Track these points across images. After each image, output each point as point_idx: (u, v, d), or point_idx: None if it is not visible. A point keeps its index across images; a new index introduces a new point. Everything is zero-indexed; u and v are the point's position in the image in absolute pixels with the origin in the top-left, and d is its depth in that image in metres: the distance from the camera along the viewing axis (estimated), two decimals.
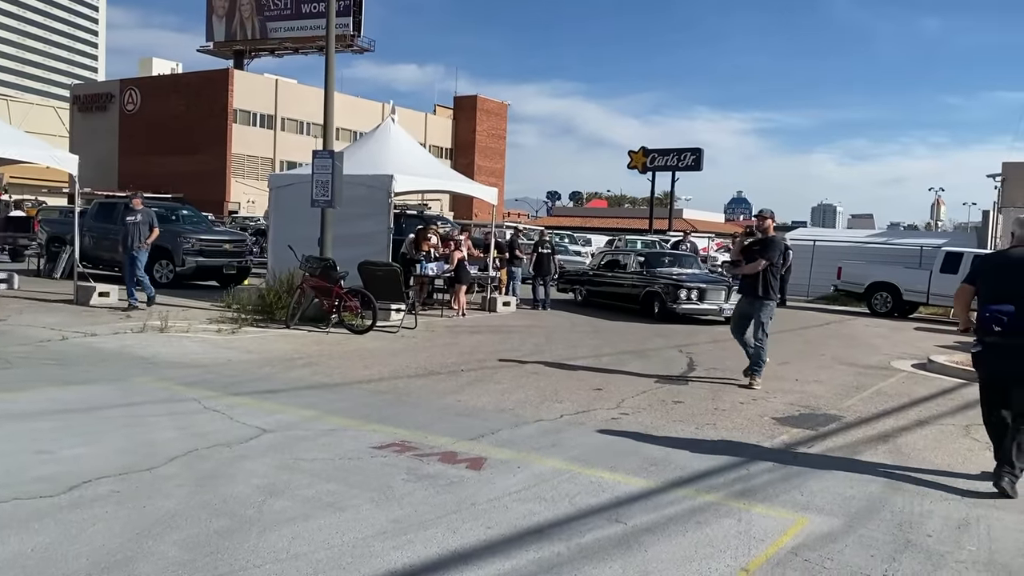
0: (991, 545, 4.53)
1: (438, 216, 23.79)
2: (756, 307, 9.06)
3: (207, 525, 4.24)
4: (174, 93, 60.48)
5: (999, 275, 5.64)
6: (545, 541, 4.25)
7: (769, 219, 9.32)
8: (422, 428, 6.44)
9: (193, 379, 8.04)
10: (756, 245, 9.18)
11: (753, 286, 9.05)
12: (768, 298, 9.04)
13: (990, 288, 5.62)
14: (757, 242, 9.22)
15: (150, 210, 14.03)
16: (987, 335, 5.53)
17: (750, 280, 9.09)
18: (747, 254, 9.23)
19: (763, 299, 9.02)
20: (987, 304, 5.53)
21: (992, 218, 27.13)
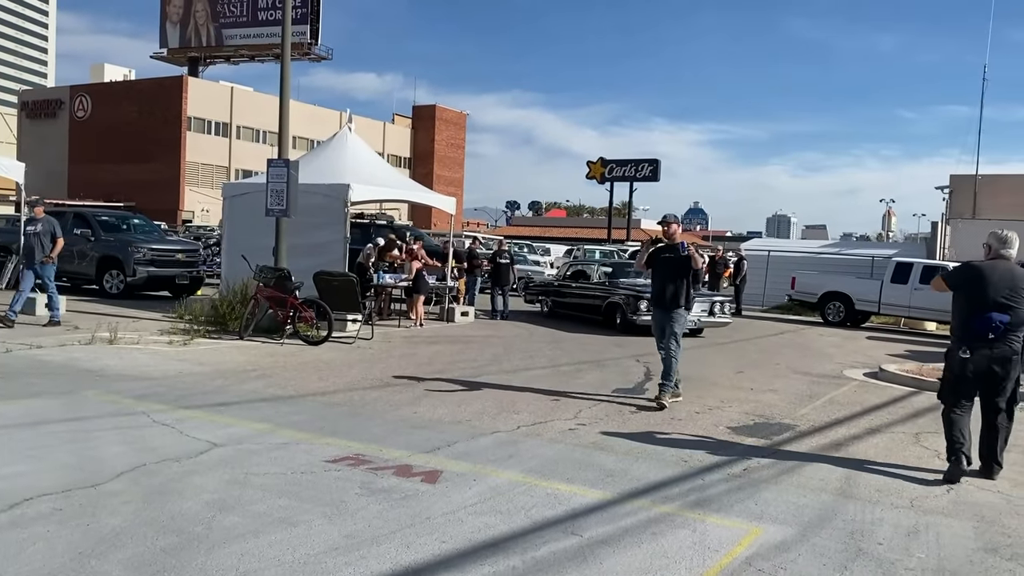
0: (940, 552, 4.60)
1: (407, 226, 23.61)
2: (667, 316, 8.65)
3: (154, 543, 4.12)
4: (126, 100, 59.42)
5: (987, 286, 5.99)
6: (500, 555, 4.21)
7: (675, 224, 8.81)
8: (377, 441, 6.37)
9: (142, 392, 7.86)
10: (665, 252, 8.67)
11: (669, 295, 8.58)
12: (681, 307, 8.61)
13: (980, 297, 5.99)
14: (666, 248, 8.70)
15: (53, 219, 12.78)
16: (977, 340, 5.97)
17: (664, 290, 8.62)
18: (654, 262, 8.70)
19: (676, 308, 8.59)
20: (979, 312, 5.95)
21: (940, 229, 27.77)
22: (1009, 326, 5.96)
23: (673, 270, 8.53)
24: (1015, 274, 6.06)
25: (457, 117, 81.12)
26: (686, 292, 8.59)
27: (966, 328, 6.06)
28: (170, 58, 65.18)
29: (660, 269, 8.65)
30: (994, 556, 4.58)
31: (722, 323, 16.23)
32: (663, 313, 8.69)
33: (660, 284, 8.65)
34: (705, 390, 9.63)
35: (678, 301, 8.56)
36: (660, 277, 8.66)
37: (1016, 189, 30.81)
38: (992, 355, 6.01)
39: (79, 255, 17.24)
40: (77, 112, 61.51)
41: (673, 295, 8.54)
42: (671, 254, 8.60)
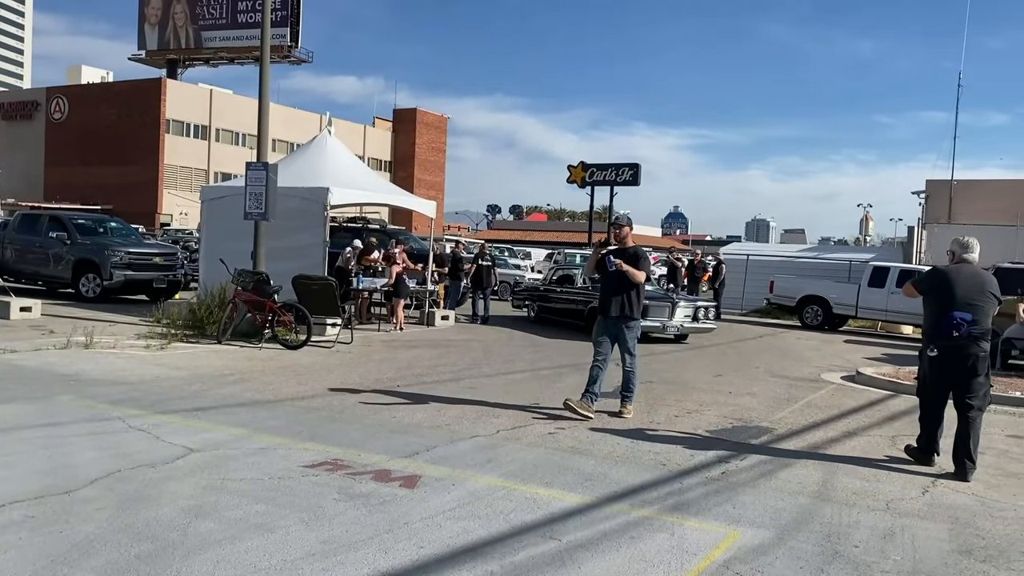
0: (915, 554, 4.63)
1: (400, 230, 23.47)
2: (618, 328, 7.97)
3: (128, 550, 4.08)
4: (104, 102, 58.91)
5: (954, 289, 6.41)
6: (478, 560, 4.20)
7: (626, 227, 8.18)
8: (355, 446, 6.33)
9: (118, 397, 7.78)
10: (616, 256, 8.05)
11: (617, 305, 7.92)
12: (632, 318, 7.99)
13: (947, 299, 6.40)
14: (615, 252, 8.10)
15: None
16: (944, 339, 6.36)
17: (610, 299, 7.95)
18: (603, 267, 8.02)
19: (627, 318, 7.96)
20: (946, 312, 6.35)
21: (916, 234, 28.08)
22: (974, 325, 6.31)
23: (622, 277, 7.89)
24: (981, 277, 6.52)
25: (438, 121, 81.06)
26: (636, 301, 7.99)
27: (934, 328, 6.46)
28: (148, 60, 64.70)
29: (608, 276, 8.00)
30: (968, 558, 4.62)
31: (706, 329, 15.98)
32: (610, 323, 8.00)
33: (607, 292, 8.01)
34: (684, 394, 9.67)
35: (626, 311, 7.93)
36: (607, 284, 8.02)
37: (991, 194, 31.19)
38: (959, 353, 6.35)
39: (55, 258, 17.08)
40: (54, 114, 60.90)
41: (621, 305, 7.93)
42: (619, 258, 8.00)
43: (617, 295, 7.91)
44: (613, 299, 7.93)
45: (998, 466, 6.88)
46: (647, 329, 14.64)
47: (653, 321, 14.90)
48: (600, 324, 8.15)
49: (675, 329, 15.11)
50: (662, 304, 15.53)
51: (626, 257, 7.94)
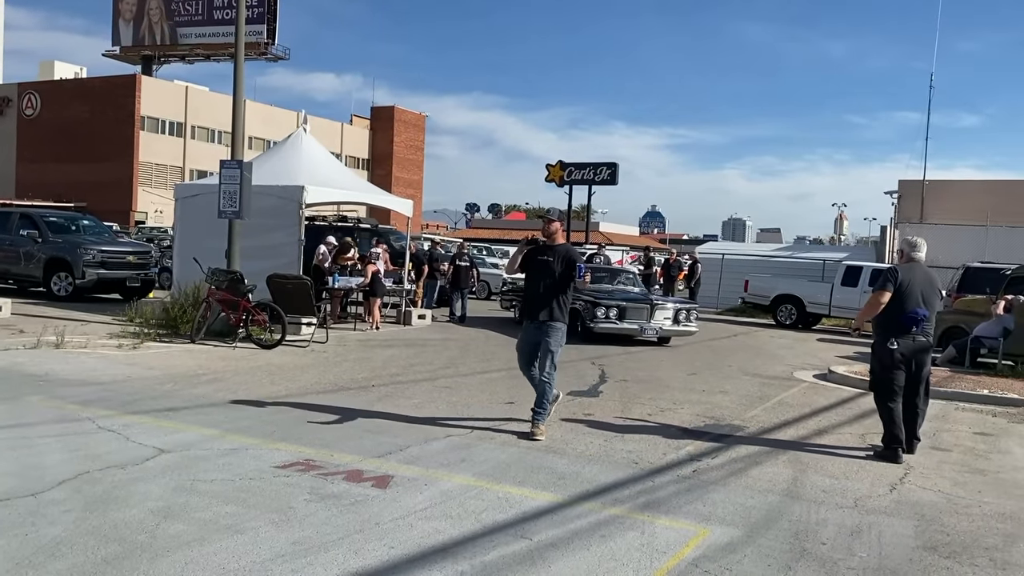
0: (881, 551, 4.69)
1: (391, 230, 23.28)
2: (544, 331, 7.16)
3: (95, 553, 4.05)
4: (78, 98, 58.18)
5: (913, 286, 6.94)
6: (449, 560, 4.21)
7: (556, 222, 7.44)
8: (328, 446, 6.32)
9: (89, 397, 7.70)
10: (543, 254, 7.30)
11: (543, 306, 7.17)
12: (559, 320, 7.19)
13: (908, 296, 6.91)
14: (542, 250, 7.38)
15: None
16: (903, 333, 6.90)
17: (536, 299, 7.23)
18: (529, 266, 7.34)
19: (553, 322, 7.15)
20: (905, 308, 6.86)
21: (889, 233, 28.38)
22: (927, 321, 6.99)
23: (549, 276, 7.17)
24: (932, 275, 7.22)
25: (416, 119, 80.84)
26: (567, 303, 7.27)
27: (895, 324, 6.91)
28: (123, 56, 63.99)
29: (535, 274, 7.29)
30: (933, 554, 4.69)
31: (687, 332, 15.28)
32: (535, 327, 7.23)
33: (532, 291, 7.27)
34: (658, 392, 9.72)
35: (553, 313, 7.14)
36: (533, 283, 7.28)
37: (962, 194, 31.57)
38: (915, 345, 6.97)
39: (26, 256, 16.88)
40: (26, 110, 60.08)
41: (547, 306, 7.14)
42: (548, 257, 7.24)
43: (548, 296, 7.14)
44: (540, 298, 7.17)
45: (964, 463, 6.98)
46: (626, 332, 14.56)
47: (631, 324, 14.54)
48: (525, 330, 7.39)
49: (653, 332, 14.62)
50: (640, 306, 14.96)
51: (557, 256, 7.22)
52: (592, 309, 14.63)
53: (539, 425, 7.10)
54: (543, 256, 7.28)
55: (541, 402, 7.19)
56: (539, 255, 7.31)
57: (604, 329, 14.51)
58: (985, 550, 4.80)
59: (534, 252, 7.35)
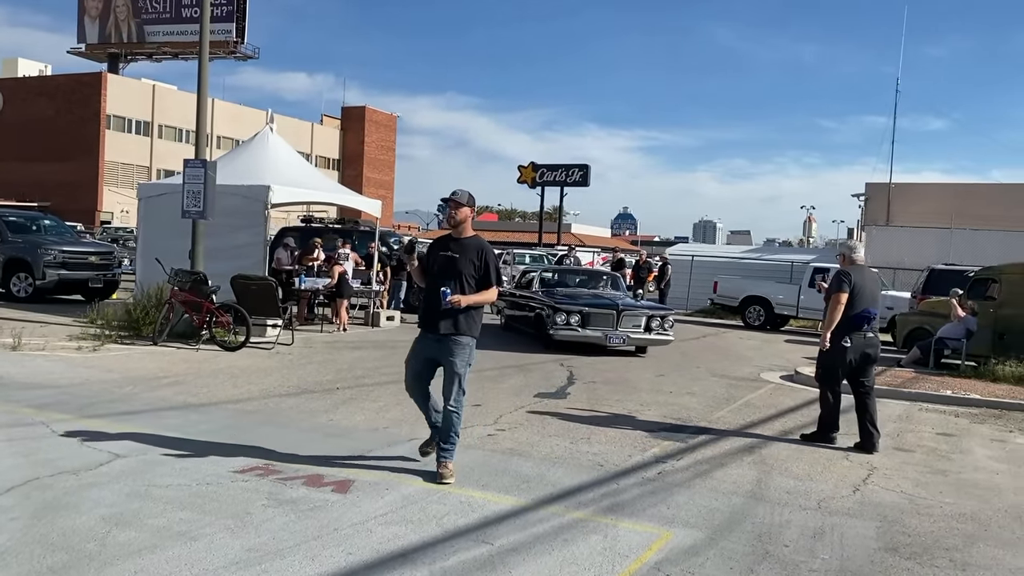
0: (843, 553, 4.69)
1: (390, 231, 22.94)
2: (447, 349, 5.62)
3: (41, 562, 3.92)
4: (42, 96, 57.27)
5: (864, 287, 7.38)
6: (407, 566, 4.13)
7: (465, 207, 5.70)
8: (289, 450, 6.20)
9: (44, 401, 7.52)
10: (446, 248, 5.70)
11: (442, 314, 5.56)
12: (467, 334, 5.65)
13: (861, 297, 7.34)
14: (445, 243, 5.76)
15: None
16: (856, 331, 7.33)
17: (435, 306, 5.58)
18: (428, 261, 5.81)
19: (459, 336, 5.62)
20: (859, 308, 7.30)
21: (856, 235, 28.68)
22: (875, 319, 7.48)
23: (454, 276, 5.59)
24: (875, 276, 7.76)
25: (387, 119, 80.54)
26: (477, 312, 5.75)
27: (848, 322, 7.32)
28: (89, 54, 63.08)
29: (436, 273, 5.70)
30: (894, 555, 4.69)
31: (662, 341, 13.71)
32: (434, 341, 5.68)
33: (433, 295, 5.62)
34: (626, 394, 9.71)
35: (458, 325, 5.60)
36: (433, 285, 5.67)
37: (927, 197, 32.03)
38: (865, 342, 7.41)
39: None
40: None
41: (451, 315, 5.57)
42: (453, 252, 5.66)
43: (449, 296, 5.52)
44: (446, 309, 5.53)
45: (927, 464, 7.03)
46: (589, 340, 13.36)
47: (594, 331, 13.24)
48: (418, 343, 5.83)
49: (620, 340, 13.31)
50: (604, 312, 13.42)
51: (465, 251, 5.66)
52: (552, 314, 13.45)
53: (448, 464, 5.65)
54: (446, 251, 5.69)
55: (448, 436, 5.70)
56: (441, 249, 5.73)
57: (564, 337, 13.32)
58: (946, 551, 4.82)
59: (435, 246, 5.84)
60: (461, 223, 5.71)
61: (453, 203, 5.71)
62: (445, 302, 5.43)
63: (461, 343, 5.65)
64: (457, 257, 5.63)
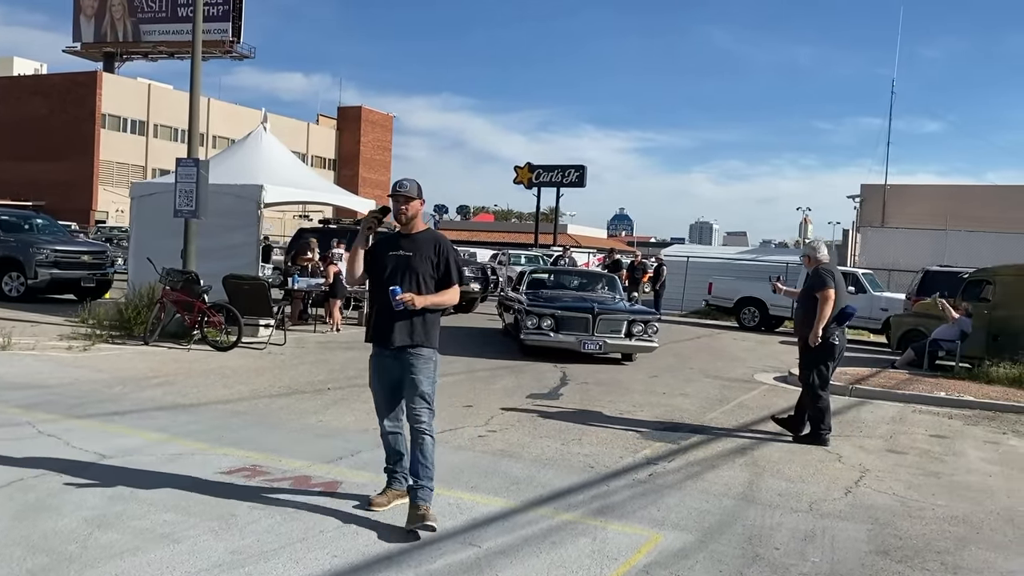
0: (834, 556, 4.65)
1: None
2: (407, 365, 4.77)
3: (20, 564, 3.87)
4: (37, 95, 57.09)
5: (841, 285, 7.75)
6: (393, 568, 4.09)
7: (416, 200, 4.89)
8: (277, 451, 6.16)
9: (32, 401, 7.46)
10: (396, 247, 4.86)
11: (394, 325, 4.73)
12: (425, 344, 4.81)
13: (842, 294, 7.68)
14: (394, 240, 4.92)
15: None
16: (841, 325, 7.67)
17: (390, 315, 4.69)
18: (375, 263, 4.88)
19: (416, 348, 4.78)
20: (844, 305, 7.62)
21: (852, 236, 28.69)
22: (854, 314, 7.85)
23: (409, 277, 4.77)
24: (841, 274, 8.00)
25: (384, 119, 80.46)
26: (435, 319, 4.89)
27: (835, 320, 7.58)
28: (84, 53, 62.98)
29: (385, 275, 4.81)
30: (885, 558, 4.65)
31: (645, 348, 12.50)
32: (390, 358, 4.82)
33: (383, 303, 4.76)
34: (618, 395, 9.66)
35: (414, 334, 4.76)
36: (382, 290, 4.76)
37: (922, 198, 32.07)
38: (843, 338, 7.81)
39: None
40: None
41: (406, 324, 4.74)
42: (406, 250, 4.83)
43: (406, 310, 4.66)
44: (397, 317, 4.70)
45: (920, 466, 7.00)
46: (561, 346, 12.25)
47: (567, 336, 12.19)
48: (374, 364, 4.95)
49: (595, 347, 12.15)
50: (578, 315, 12.33)
51: (419, 248, 4.84)
52: (524, 318, 12.50)
53: (427, 506, 4.66)
54: (397, 250, 4.86)
55: (424, 468, 4.74)
56: (390, 248, 4.89)
57: (535, 342, 12.33)
58: (937, 554, 4.78)
59: (382, 244, 4.96)
60: (412, 219, 4.89)
61: (401, 197, 4.83)
62: (396, 301, 4.58)
63: (423, 355, 4.78)
64: (411, 255, 4.81)
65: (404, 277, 4.75)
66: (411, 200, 4.85)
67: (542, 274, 15.73)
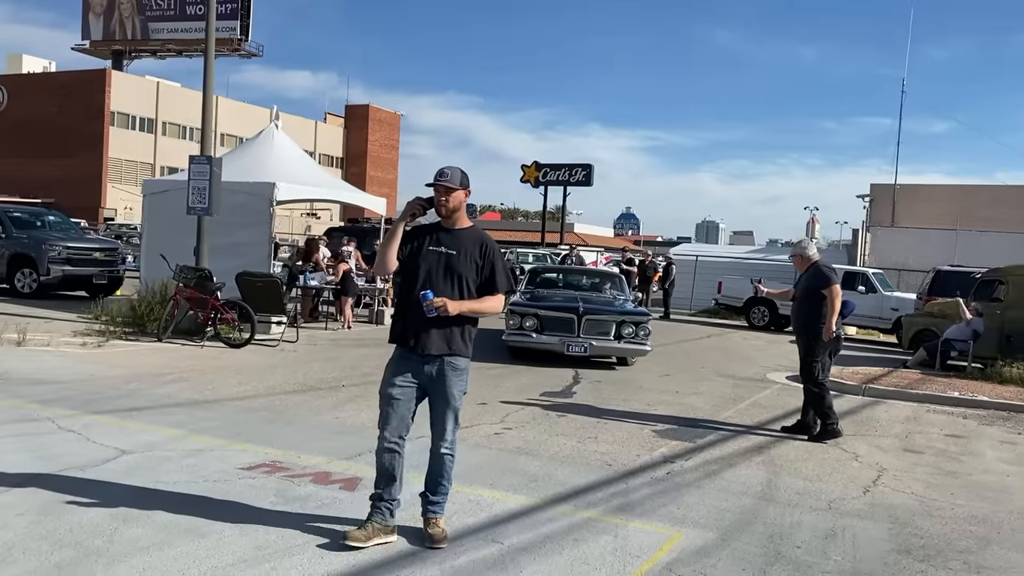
0: (856, 554, 4.65)
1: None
2: (440, 375, 4.39)
3: (48, 558, 3.89)
4: (46, 92, 57.21)
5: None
6: (417, 564, 4.10)
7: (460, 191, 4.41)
8: (295, 447, 6.17)
9: (49, 397, 7.49)
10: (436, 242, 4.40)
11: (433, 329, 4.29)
12: (463, 354, 4.43)
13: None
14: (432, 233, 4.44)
15: None
16: (843, 319, 8.00)
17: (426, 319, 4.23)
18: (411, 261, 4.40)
19: (455, 358, 4.39)
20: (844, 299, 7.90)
21: (861, 236, 28.59)
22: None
23: (452, 278, 4.34)
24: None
25: (391, 118, 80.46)
26: (473, 325, 4.47)
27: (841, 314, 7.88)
28: (93, 51, 63.18)
29: (422, 274, 4.34)
30: (907, 557, 4.65)
31: (636, 351, 11.74)
32: (419, 364, 4.37)
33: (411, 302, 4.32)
34: (631, 393, 9.66)
35: (452, 342, 4.35)
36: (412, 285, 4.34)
37: (932, 198, 31.97)
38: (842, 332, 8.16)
39: None
40: None
41: (447, 333, 4.33)
42: (447, 247, 4.36)
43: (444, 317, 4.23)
44: (436, 322, 4.26)
45: (937, 465, 6.98)
46: (544, 348, 11.64)
47: (551, 337, 11.53)
48: (398, 369, 4.45)
49: (580, 349, 11.40)
50: (563, 316, 11.65)
51: (463, 245, 4.38)
52: (507, 317, 11.89)
53: (440, 521, 4.47)
54: (438, 246, 4.37)
55: (440, 485, 4.52)
56: (430, 243, 4.38)
57: (517, 343, 11.74)
58: (959, 553, 4.77)
59: (419, 237, 4.42)
60: (454, 212, 4.39)
61: (442, 187, 4.33)
62: (426, 307, 4.15)
63: (459, 367, 4.38)
64: (454, 254, 4.31)
65: (445, 278, 4.30)
66: (453, 190, 4.34)
67: (548, 273, 15.22)
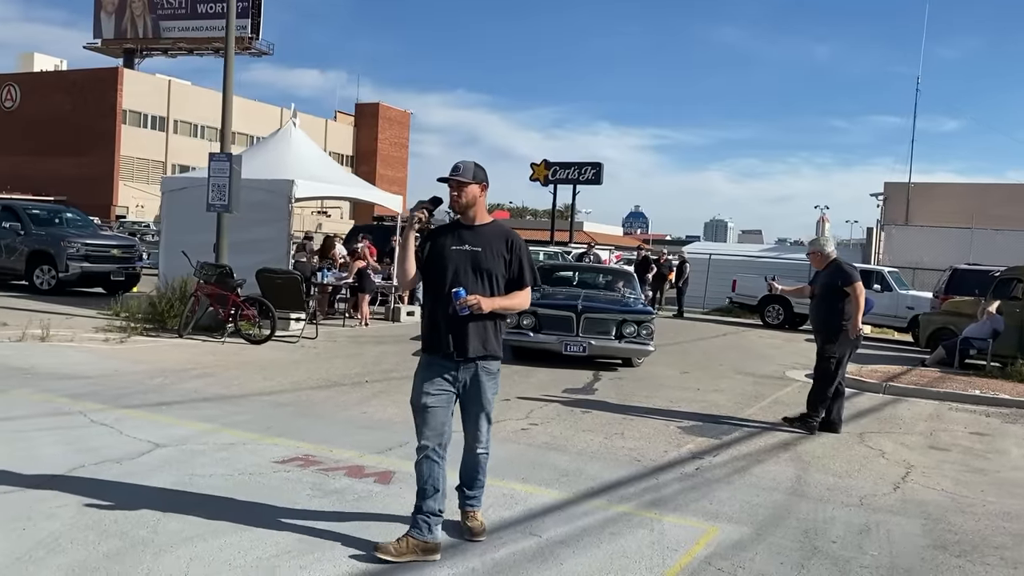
0: (892, 550, 4.66)
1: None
2: (475, 378, 4.18)
3: (96, 548, 3.93)
4: (58, 91, 57.55)
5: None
6: (459, 556, 4.13)
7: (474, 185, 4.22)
8: (326, 441, 6.21)
9: (79, 391, 7.55)
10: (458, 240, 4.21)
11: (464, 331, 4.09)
12: (496, 355, 4.23)
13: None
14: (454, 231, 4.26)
15: None
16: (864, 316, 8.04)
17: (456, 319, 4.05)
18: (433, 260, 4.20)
19: (488, 361, 4.20)
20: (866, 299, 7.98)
21: (876, 235, 28.50)
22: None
23: (480, 276, 4.14)
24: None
25: (401, 116, 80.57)
26: (500, 324, 4.28)
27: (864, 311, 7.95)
28: (104, 49, 63.40)
29: (448, 273, 4.14)
30: (944, 553, 4.66)
31: (638, 352, 11.29)
32: (452, 368, 4.14)
33: (440, 305, 4.12)
34: (653, 390, 9.68)
35: (487, 343, 4.16)
36: (440, 287, 4.14)
37: (946, 197, 31.87)
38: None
39: (7, 249, 16.59)
40: (5, 102, 59.45)
41: (480, 331, 4.13)
42: (471, 244, 4.16)
43: (475, 316, 4.05)
44: (467, 322, 4.07)
45: (964, 463, 6.98)
46: (542, 346, 11.24)
47: (549, 335, 11.13)
48: (430, 375, 4.17)
49: (579, 349, 11.01)
50: (561, 314, 11.24)
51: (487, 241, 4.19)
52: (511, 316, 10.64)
53: (478, 513, 4.49)
54: (461, 244, 4.19)
55: (476, 481, 4.48)
56: (453, 242, 4.20)
57: (514, 342, 11.25)
58: (995, 549, 4.78)
59: (441, 237, 4.25)
60: (469, 207, 4.20)
61: (454, 182, 4.17)
62: (459, 306, 3.96)
63: (491, 370, 4.21)
64: (479, 251, 4.13)
65: (474, 277, 4.10)
66: (465, 184, 4.15)
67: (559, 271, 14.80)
